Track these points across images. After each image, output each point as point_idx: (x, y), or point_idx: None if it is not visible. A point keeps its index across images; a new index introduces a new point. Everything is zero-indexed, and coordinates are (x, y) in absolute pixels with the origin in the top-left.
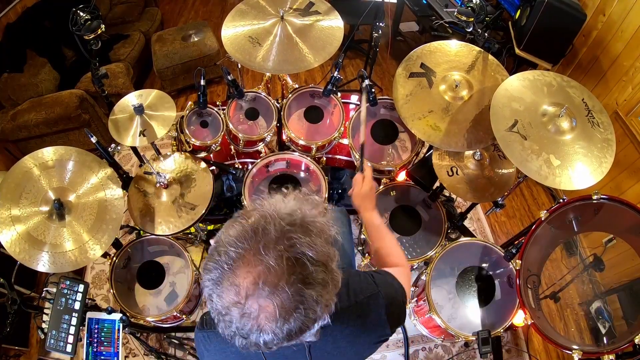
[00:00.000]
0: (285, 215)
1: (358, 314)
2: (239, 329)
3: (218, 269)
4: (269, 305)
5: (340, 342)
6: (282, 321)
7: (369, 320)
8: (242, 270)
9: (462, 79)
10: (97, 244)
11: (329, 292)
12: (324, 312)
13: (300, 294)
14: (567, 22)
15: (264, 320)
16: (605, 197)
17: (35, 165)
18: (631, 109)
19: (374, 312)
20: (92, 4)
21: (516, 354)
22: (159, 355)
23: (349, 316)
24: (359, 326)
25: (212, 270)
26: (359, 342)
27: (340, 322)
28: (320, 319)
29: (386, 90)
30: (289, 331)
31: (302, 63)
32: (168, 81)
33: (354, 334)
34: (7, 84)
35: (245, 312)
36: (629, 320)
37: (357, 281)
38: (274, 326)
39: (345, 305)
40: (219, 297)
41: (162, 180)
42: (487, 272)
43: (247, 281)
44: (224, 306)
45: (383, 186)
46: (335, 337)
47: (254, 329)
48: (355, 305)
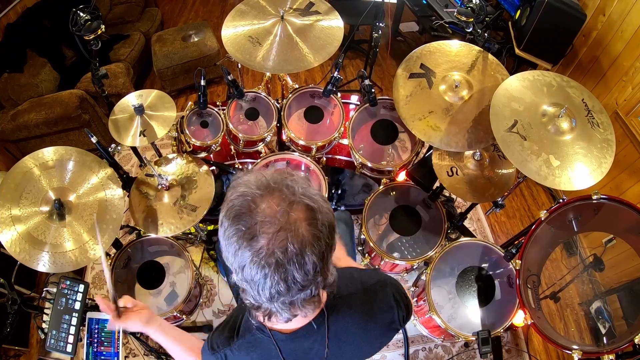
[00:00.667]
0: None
1: (367, 300)
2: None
3: (246, 213)
4: (305, 205)
5: (353, 329)
6: (320, 220)
7: (378, 306)
8: (270, 203)
9: (462, 79)
10: (97, 244)
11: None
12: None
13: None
14: (567, 22)
15: (306, 225)
16: (605, 197)
17: (35, 166)
18: (631, 109)
19: (383, 297)
20: (92, 4)
21: (516, 354)
22: (159, 355)
23: (359, 302)
24: (369, 312)
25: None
26: (369, 329)
27: (349, 307)
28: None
29: (386, 90)
30: (325, 232)
31: (302, 63)
32: (168, 81)
33: (364, 319)
34: (7, 84)
35: (286, 228)
36: (629, 320)
37: (363, 273)
38: (313, 229)
39: (354, 290)
40: (259, 236)
41: (163, 183)
42: (487, 272)
43: (276, 208)
44: (268, 242)
45: (383, 186)
46: (347, 322)
47: (305, 242)
48: (365, 291)
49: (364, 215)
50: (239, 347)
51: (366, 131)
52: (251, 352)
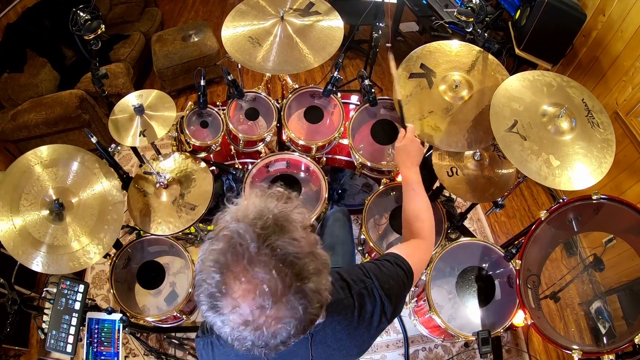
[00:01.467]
0: (255, 221)
1: (354, 305)
2: (255, 342)
3: (212, 298)
4: (278, 313)
5: (340, 334)
6: (295, 321)
7: (365, 310)
8: (237, 291)
9: (462, 79)
10: (100, 244)
11: (324, 276)
12: (327, 295)
13: (302, 290)
14: (567, 22)
15: (277, 326)
16: (605, 197)
17: (35, 164)
18: (631, 109)
19: (369, 303)
20: (92, 4)
21: (516, 354)
22: (159, 355)
23: (346, 308)
24: (356, 317)
25: (205, 302)
26: (358, 334)
27: (338, 313)
28: (325, 302)
29: (386, 90)
30: (304, 325)
31: (302, 63)
32: (168, 81)
33: (352, 325)
34: (7, 84)
35: (257, 326)
36: (629, 320)
37: (350, 274)
38: (288, 327)
39: (342, 297)
40: (224, 323)
41: (162, 181)
42: (487, 272)
43: (247, 301)
44: (233, 329)
45: (383, 186)
46: (335, 328)
47: (270, 337)
48: (351, 297)
49: (364, 215)
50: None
51: (366, 131)
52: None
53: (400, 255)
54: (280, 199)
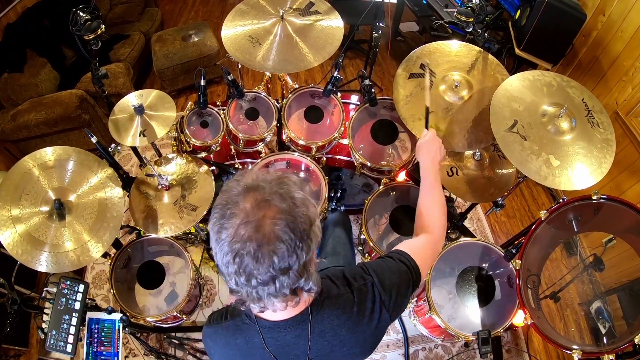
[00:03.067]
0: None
1: (354, 301)
2: (252, 239)
3: (225, 206)
4: (271, 209)
5: (338, 330)
6: (285, 219)
7: (364, 306)
8: (247, 200)
9: (462, 79)
10: (99, 243)
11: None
12: (314, 220)
13: (291, 197)
14: (567, 22)
15: (272, 226)
16: (605, 197)
17: (35, 166)
18: (631, 109)
19: (369, 299)
20: (92, 4)
21: (516, 354)
22: (159, 355)
23: (345, 303)
24: (355, 312)
25: (218, 209)
26: (359, 330)
27: (337, 307)
28: (314, 225)
29: (386, 90)
30: (295, 231)
31: (302, 63)
32: (168, 81)
33: (351, 320)
34: (7, 84)
35: (252, 222)
36: (629, 320)
37: (352, 272)
38: (281, 227)
39: (342, 292)
40: (225, 229)
41: (163, 183)
42: (487, 272)
43: (251, 201)
44: (234, 233)
45: (383, 186)
46: (333, 322)
47: (266, 240)
48: (351, 293)
49: (364, 215)
50: (227, 328)
51: (366, 131)
52: (237, 335)
53: (405, 252)
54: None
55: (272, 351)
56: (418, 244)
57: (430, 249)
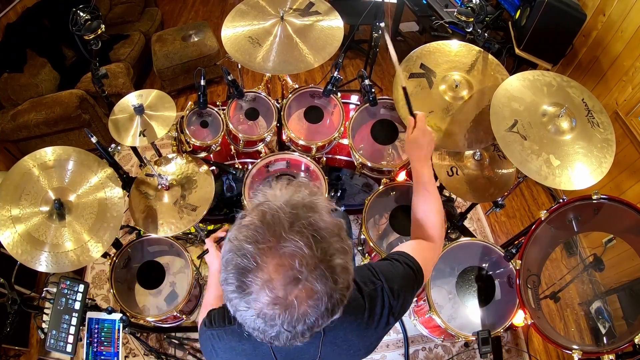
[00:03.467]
0: (286, 202)
1: (365, 307)
2: (283, 325)
3: (242, 274)
4: (310, 287)
5: (349, 335)
6: (325, 297)
7: (374, 312)
8: (270, 264)
9: (462, 79)
10: (99, 243)
11: (350, 258)
12: (351, 277)
13: (331, 265)
14: (567, 22)
15: (308, 304)
16: (605, 197)
17: (35, 166)
18: (631, 109)
19: (379, 305)
20: (92, 4)
21: (516, 354)
22: (159, 355)
23: (357, 309)
24: (366, 318)
25: (233, 279)
26: (367, 335)
27: (349, 313)
28: (350, 285)
29: (386, 90)
30: (332, 304)
31: (302, 63)
32: (168, 81)
33: (361, 326)
34: (7, 84)
35: (287, 304)
36: (629, 320)
37: (361, 275)
38: (318, 306)
39: (353, 297)
40: (249, 305)
41: (163, 183)
42: (487, 272)
43: (280, 274)
44: (261, 310)
45: (383, 186)
46: (346, 329)
47: (299, 318)
48: (362, 298)
49: (364, 215)
50: (233, 332)
51: (366, 131)
52: (244, 340)
53: (411, 255)
54: (307, 188)
55: (281, 357)
56: (420, 247)
57: (432, 255)
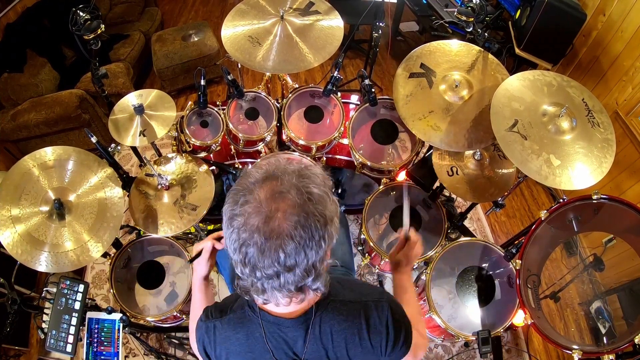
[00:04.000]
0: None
1: (361, 313)
2: (262, 241)
3: (240, 192)
4: (286, 201)
5: (336, 336)
6: (298, 217)
7: (370, 323)
8: (262, 191)
9: (462, 78)
10: (99, 242)
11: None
12: (331, 221)
13: (308, 194)
14: (567, 22)
15: (282, 219)
16: (605, 197)
17: (35, 166)
18: (631, 109)
19: (377, 318)
20: (92, 4)
21: (516, 354)
22: (159, 355)
23: (351, 311)
24: (358, 326)
25: (232, 195)
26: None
27: (340, 313)
28: (330, 226)
29: (386, 90)
30: (306, 231)
31: (302, 63)
32: (168, 81)
33: (351, 331)
34: (7, 84)
35: (264, 213)
36: (629, 320)
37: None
38: (292, 225)
39: (348, 299)
40: (238, 214)
41: (163, 182)
42: (487, 272)
43: (265, 192)
44: (244, 220)
45: (383, 186)
46: (333, 326)
47: (275, 235)
48: (360, 303)
49: (364, 215)
50: (228, 322)
51: (366, 131)
52: (238, 329)
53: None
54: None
55: (272, 346)
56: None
57: (420, 346)
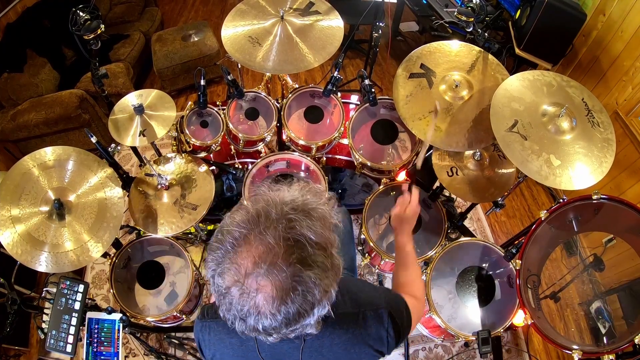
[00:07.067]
0: (288, 201)
1: (359, 324)
2: (238, 310)
3: (221, 249)
4: (267, 285)
5: (336, 348)
6: (280, 302)
7: (368, 333)
8: (244, 250)
9: (462, 79)
10: (99, 243)
11: (328, 276)
12: (323, 297)
13: (299, 274)
14: (567, 22)
15: (262, 301)
16: (605, 197)
17: (35, 166)
18: (631, 109)
19: (375, 328)
20: (92, 4)
21: (516, 354)
22: (159, 355)
23: (350, 323)
24: (357, 336)
25: (215, 251)
26: (354, 352)
27: (340, 327)
28: (319, 305)
29: (386, 90)
30: (287, 314)
31: (302, 63)
32: (168, 81)
33: (351, 341)
34: (7, 84)
35: (244, 291)
36: (629, 320)
37: (365, 291)
38: (271, 308)
39: (348, 311)
40: (220, 276)
41: (163, 182)
42: (487, 272)
43: (247, 261)
44: (224, 286)
45: (383, 186)
46: (333, 340)
47: (252, 311)
48: (357, 314)
49: (364, 215)
50: (224, 325)
51: (366, 131)
52: (233, 333)
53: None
54: (319, 196)
55: (264, 357)
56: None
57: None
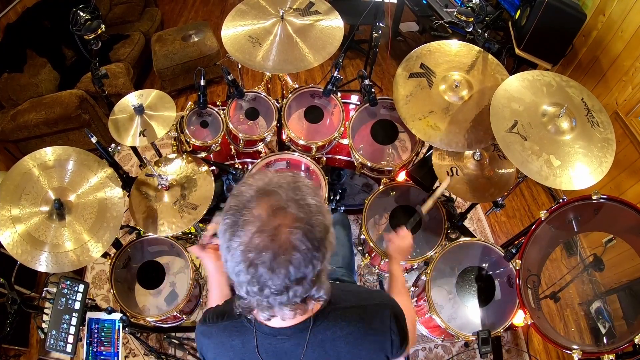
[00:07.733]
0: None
1: (362, 317)
2: (268, 249)
3: (238, 212)
4: (290, 218)
5: (339, 342)
6: (303, 230)
7: (372, 327)
8: (261, 206)
9: (462, 79)
10: (99, 243)
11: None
12: (326, 251)
13: (310, 209)
14: (567, 22)
15: (288, 235)
16: (605, 197)
17: (35, 166)
18: (631, 109)
19: (379, 321)
20: (92, 4)
21: (516, 354)
22: (159, 355)
23: (353, 317)
24: (361, 330)
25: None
26: (360, 348)
27: (342, 319)
28: (330, 245)
29: (386, 90)
30: (313, 242)
31: (302, 63)
32: (168, 81)
33: (354, 336)
34: (7, 84)
35: (267, 230)
36: (629, 320)
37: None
38: (298, 237)
39: (351, 304)
40: (242, 234)
41: (163, 183)
42: (487, 272)
43: (267, 209)
44: (247, 239)
45: (383, 186)
46: (335, 333)
47: (285, 252)
48: (361, 308)
49: (364, 215)
50: (224, 328)
51: (366, 131)
52: (234, 336)
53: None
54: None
55: (265, 357)
56: None
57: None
